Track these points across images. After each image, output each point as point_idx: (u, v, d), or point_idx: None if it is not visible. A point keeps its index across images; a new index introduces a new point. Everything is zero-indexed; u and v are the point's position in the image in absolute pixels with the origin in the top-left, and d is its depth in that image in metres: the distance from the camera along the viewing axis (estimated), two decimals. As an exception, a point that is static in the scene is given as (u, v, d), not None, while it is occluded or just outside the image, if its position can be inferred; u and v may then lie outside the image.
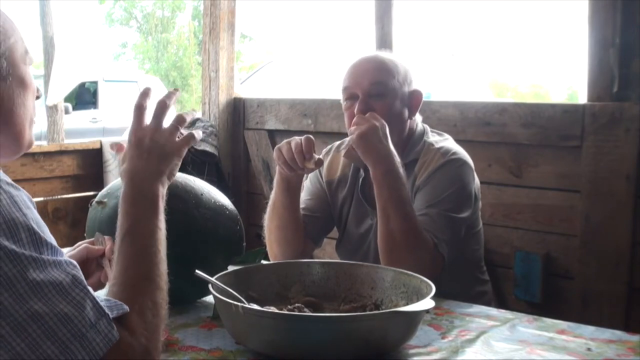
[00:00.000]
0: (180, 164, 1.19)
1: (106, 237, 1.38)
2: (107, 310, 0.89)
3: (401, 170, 1.64)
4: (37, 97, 1.08)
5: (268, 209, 1.83)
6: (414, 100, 1.81)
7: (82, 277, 0.90)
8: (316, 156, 1.62)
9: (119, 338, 0.88)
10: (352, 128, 1.66)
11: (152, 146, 1.14)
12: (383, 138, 1.63)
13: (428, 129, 1.87)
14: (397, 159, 1.64)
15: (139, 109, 1.17)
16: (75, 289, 0.87)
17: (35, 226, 0.88)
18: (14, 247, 0.84)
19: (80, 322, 0.85)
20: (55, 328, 0.84)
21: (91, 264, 1.35)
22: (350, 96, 1.78)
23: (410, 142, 1.82)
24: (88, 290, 0.89)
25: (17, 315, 0.82)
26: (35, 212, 0.92)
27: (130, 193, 1.10)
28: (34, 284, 0.84)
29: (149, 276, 1.02)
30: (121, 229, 1.06)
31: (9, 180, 0.91)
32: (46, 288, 0.85)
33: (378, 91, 1.75)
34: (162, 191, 1.12)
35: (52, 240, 0.90)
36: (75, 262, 0.91)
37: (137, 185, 1.11)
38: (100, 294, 0.94)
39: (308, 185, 1.94)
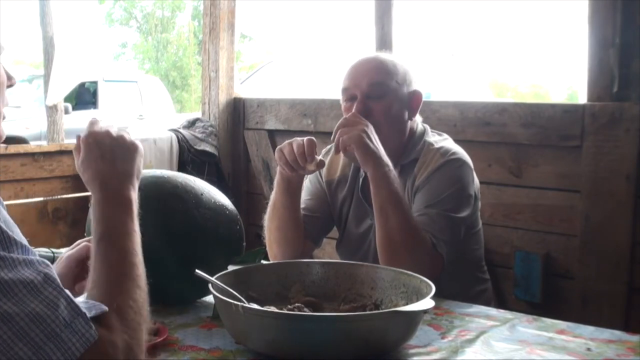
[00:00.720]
0: (142, 160, 1.15)
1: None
2: (84, 309, 0.86)
3: (394, 172, 1.66)
4: (10, 85, 1.03)
5: (268, 209, 1.84)
6: (413, 101, 1.81)
7: (55, 276, 0.87)
8: (318, 158, 1.63)
9: (97, 337, 0.85)
10: (341, 130, 1.65)
11: (114, 146, 1.10)
12: (375, 139, 1.64)
13: (428, 129, 1.88)
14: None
15: (94, 121, 1.15)
16: (48, 288, 0.84)
17: (2, 225, 0.84)
18: None
19: (54, 321, 0.82)
20: (26, 328, 0.80)
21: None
22: (350, 97, 1.79)
23: (410, 143, 1.83)
24: (62, 289, 0.85)
25: None
26: (4, 212, 0.89)
27: (101, 199, 1.05)
28: (3, 284, 0.81)
29: (128, 276, 0.98)
30: (95, 234, 1.02)
31: None
32: (16, 287, 0.81)
33: (376, 92, 1.75)
34: (134, 195, 1.08)
35: (22, 239, 0.87)
36: (47, 262, 0.87)
37: (108, 190, 1.06)
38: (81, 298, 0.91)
39: (308, 185, 1.94)
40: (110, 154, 1.09)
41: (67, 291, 0.86)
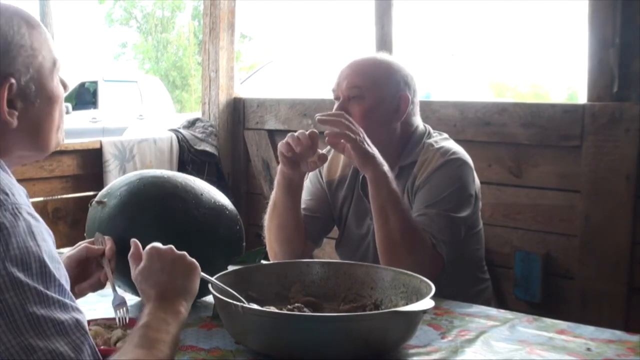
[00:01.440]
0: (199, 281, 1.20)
1: (106, 237, 1.39)
2: None
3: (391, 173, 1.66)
4: (65, 89, 1.08)
5: (268, 209, 1.84)
6: (400, 104, 1.80)
7: (86, 324, 0.89)
8: (320, 151, 1.65)
9: None
10: (341, 130, 1.62)
11: (176, 262, 1.16)
12: (369, 142, 1.64)
13: (431, 130, 1.87)
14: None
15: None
16: (77, 333, 0.85)
17: (47, 259, 0.87)
18: (20, 275, 0.83)
19: None
20: None
21: (91, 263, 1.35)
22: (336, 98, 1.82)
23: (409, 144, 1.82)
24: (89, 337, 0.87)
25: (9, 345, 0.80)
26: (51, 245, 0.91)
27: (154, 307, 1.08)
28: (33, 318, 0.82)
29: (154, 356, 0.99)
30: (138, 323, 1.05)
31: (32, 210, 0.91)
32: (45, 324, 0.83)
33: (355, 94, 1.77)
34: (185, 312, 1.11)
35: (62, 279, 0.89)
36: (82, 310, 0.90)
37: (162, 301, 1.09)
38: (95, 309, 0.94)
39: (308, 185, 1.94)
40: (170, 268, 1.14)
41: (92, 341, 0.88)
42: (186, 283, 1.14)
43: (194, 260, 1.19)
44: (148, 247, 1.18)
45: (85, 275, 1.32)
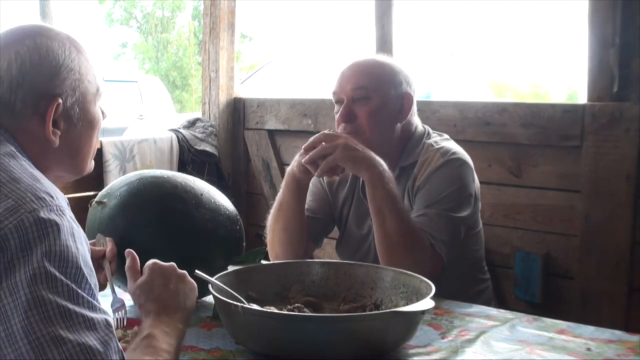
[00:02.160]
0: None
1: (107, 239, 1.39)
2: None
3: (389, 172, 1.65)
4: (103, 117, 1.16)
5: (273, 210, 1.83)
6: (404, 103, 1.80)
7: (113, 324, 0.92)
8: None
9: None
10: (326, 160, 1.61)
11: (178, 280, 1.17)
12: (357, 144, 1.64)
13: (430, 131, 1.87)
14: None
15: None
16: (105, 330, 0.89)
17: (82, 263, 0.90)
18: (55, 271, 0.86)
19: (104, 359, 0.86)
20: (75, 357, 0.83)
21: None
22: (339, 101, 1.81)
23: (409, 145, 1.82)
24: (115, 336, 0.90)
25: (39, 334, 0.83)
26: (87, 252, 0.94)
27: (155, 321, 1.08)
28: (65, 311, 0.85)
29: None
30: (143, 331, 1.05)
31: (72, 215, 0.96)
32: (77, 318, 0.86)
33: (361, 96, 1.76)
34: (184, 329, 1.12)
35: (94, 285, 0.92)
36: (110, 314, 0.94)
37: (162, 316, 1.10)
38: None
39: (310, 186, 1.94)
40: (174, 285, 1.16)
41: (118, 342, 0.91)
42: (186, 301, 1.16)
43: (192, 280, 1.20)
44: (150, 262, 1.19)
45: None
